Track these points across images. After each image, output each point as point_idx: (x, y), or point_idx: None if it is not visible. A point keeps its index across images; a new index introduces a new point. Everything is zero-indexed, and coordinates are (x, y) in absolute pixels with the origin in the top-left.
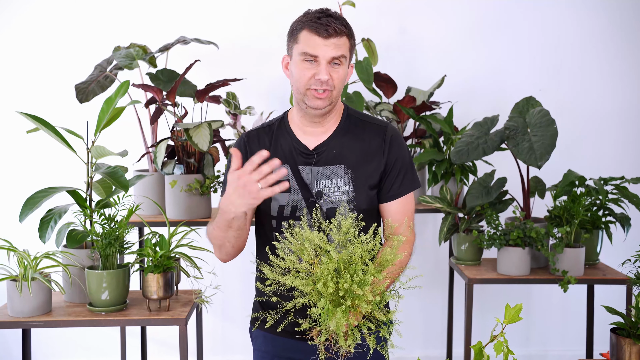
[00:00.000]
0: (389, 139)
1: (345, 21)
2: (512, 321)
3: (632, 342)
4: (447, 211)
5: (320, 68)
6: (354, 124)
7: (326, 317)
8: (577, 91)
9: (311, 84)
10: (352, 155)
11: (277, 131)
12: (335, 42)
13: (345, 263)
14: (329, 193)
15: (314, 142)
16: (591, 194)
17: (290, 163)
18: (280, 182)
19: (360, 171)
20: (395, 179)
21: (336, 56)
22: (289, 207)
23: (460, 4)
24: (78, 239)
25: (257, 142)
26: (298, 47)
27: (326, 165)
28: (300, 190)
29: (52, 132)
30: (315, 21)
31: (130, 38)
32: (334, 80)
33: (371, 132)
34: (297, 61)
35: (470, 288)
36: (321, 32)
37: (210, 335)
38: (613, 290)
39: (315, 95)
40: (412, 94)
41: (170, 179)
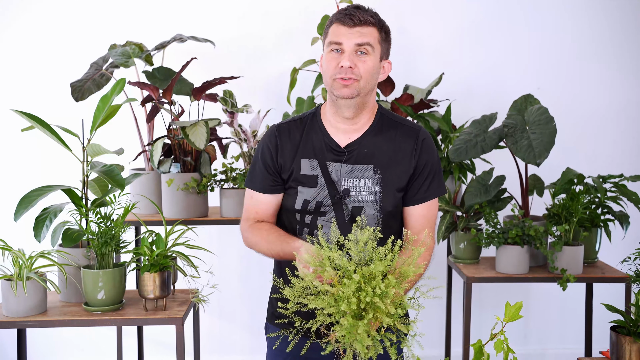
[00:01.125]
0: (421, 142)
1: (376, 14)
2: (513, 319)
3: (633, 340)
4: (446, 209)
5: (344, 55)
6: (386, 124)
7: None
8: (576, 89)
9: (336, 73)
10: (382, 155)
11: (309, 125)
12: (360, 31)
13: (366, 278)
14: (356, 192)
15: (345, 139)
16: (590, 192)
17: (320, 158)
18: None
19: (389, 172)
20: (423, 183)
21: (361, 43)
22: (313, 202)
23: (459, 2)
24: (74, 238)
25: (288, 135)
26: (327, 40)
27: (356, 163)
28: (327, 186)
29: (47, 130)
30: (343, 13)
31: (126, 36)
32: (359, 69)
33: (403, 134)
34: (325, 53)
35: (468, 287)
36: (346, 21)
37: (208, 334)
38: (612, 288)
39: (341, 83)
40: (410, 92)
41: (166, 177)
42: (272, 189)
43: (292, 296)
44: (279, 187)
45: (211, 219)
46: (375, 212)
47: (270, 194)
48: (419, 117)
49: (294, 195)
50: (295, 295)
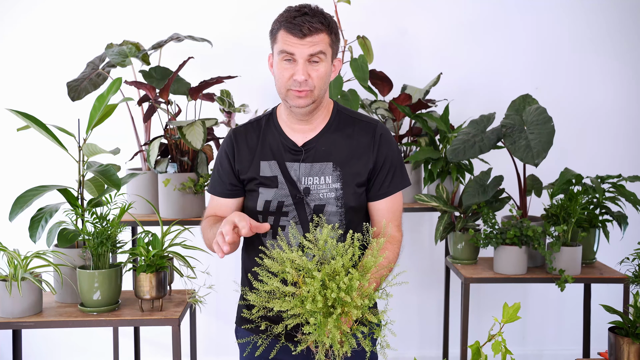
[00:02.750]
0: (379, 137)
1: (324, 17)
2: (510, 320)
3: (631, 341)
4: (443, 210)
5: (298, 68)
6: (343, 121)
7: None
8: (574, 89)
9: (290, 84)
10: (340, 152)
11: (265, 127)
12: (312, 40)
13: (329, 275)
14: (317, 190)
15: (302, 138)
16: (588, 193)
17: (278, 159)
18: None
19: (348, 168)
20: (385, 178)
21: (313, 53)
22: (275, 203)
23: (457, 2)
24: (69, 238)
25: (245, 138)
26: (277, 47)
27: (314, 162)
28: (287, 186)
29: (43, 130)
30: (291, 21)
31: (123, 35)
32: (313, 79)
33: (360, 130)
34: (277, 60)
35: (466, 287)
36: (296, 32)
37: (204, 335)
38: (610, 289)
39: (295, 94)
40: (408, 91)
41: (163, 177)
42: (230, 194)
43: (258, 302)
44: (237, 191)
45: None
46: (338, 209)
47: (229, 198)
48: (417, 117)
49: (256, 197)
50: (261, 301)
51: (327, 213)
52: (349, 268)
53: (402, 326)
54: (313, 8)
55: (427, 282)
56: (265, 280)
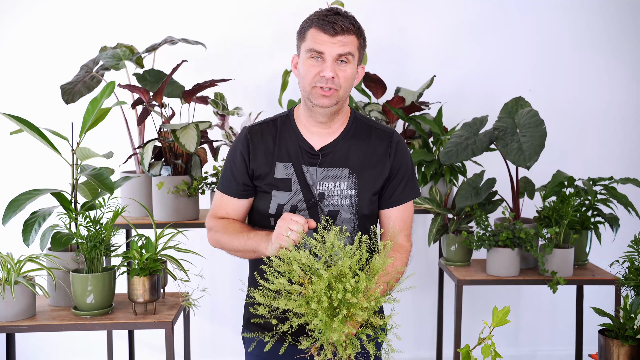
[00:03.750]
0: (395, 145)
1: (355, 20)
2: (500, 324)
3: (620, 343)
4: (437, 212)
5: (326, 65)
6: (360, 128)
7: (325, 330)
8: (568, 92)
9: (316, 81)
10: (357, 159)
11: (282, 127)
12: (342, 40)
13: (336, 277)
14: (331, 196)
15: (320, 142)
16: (580, 195)
17: (294, 162)
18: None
19: (364, 176)
20: (397, 186)
21: (343, 53)
22: (288, 207)
23: (450, 5)
24: (63, 241)
25: (261, 137)
26: (305, 45)
27: (331, 167)
28: (301, 190)
29: (36, 134)
30: (323, 19)
31: (117, 38)
32: (340, 78)
33: (377, 138)
34: (304, 59)
35: (459, 289)
36: (328, 29)
37: (199, 338)
38: (602, 290)
39: (320, 93)
40: (402, 94)
41: (157, 180)
42: (243, 194)
43: (264, 300)
44: (249, 191)
45: (202, 222)
46: (352, 216)
47: (241, 199)
48: (410, 119)
49: (268, 200)
50: (266, 300)
51: (340, 220)
52: (356, 270)
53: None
54: (347, 12)
55: (422, 283)
56: (272, 279)
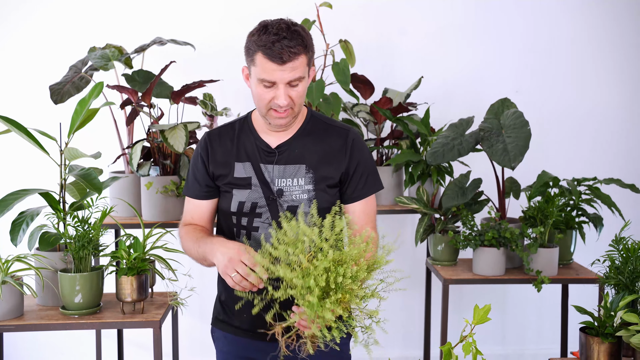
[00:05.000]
0: (351, 142)
1: (300, 38)
2: (481, 322)
3: (601, 340)
4: (424, 212)
5: (279, 93)
6: (316, 125)
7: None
8: (553, 93)
9: (272, 105)
10: (313, 155)
11: (240, 130)
12: (292, 66)
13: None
14: (289, 191)
15: (276, 141)
16: (565, 195)
17: (253, 161)
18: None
19: (320, 171)
20: (358, 181)
21: (293, 79)
22: (248, 204)
23: (438, 6)
24: (51, 241)
25: (219, 140)
26: (255, 71)
27: (287, 164)
28: (261, 187)
29: (24, 134)
30: (270, 47)
31: (105, 39)
32: (293, 99)
33: (333, 135)
34: (255, 82)
35: (446, 288)
36: (276, 60)
37: (188, 337)
38: (587, 289)
39: (276, 115)
40: (389, 95)
41: (145, 180)
42: (205, 195)
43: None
44: (212, 192)
45: None
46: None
47: (204, 200)
48: (398, 120)
49: (229, 198)
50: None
51: (300, 214)
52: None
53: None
54: (291, 29)
55: (409, 283)
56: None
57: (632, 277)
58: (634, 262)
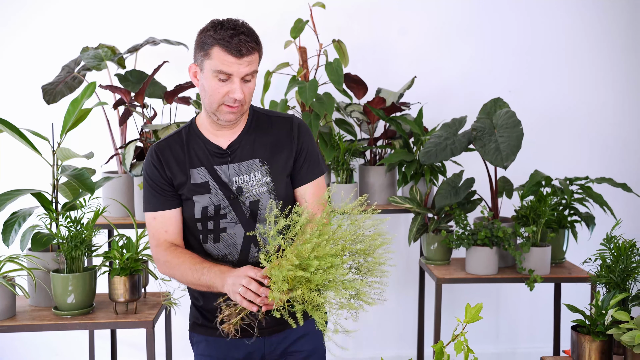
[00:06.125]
0: (297, 127)
1: (255, 35)
2: (473, 320)
3: (592, 338)
4: (417, 211)
5: (235, 86)
6: (261, 119)
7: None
8: (546, 93)
9: (225, 100)
10: (264, 148)
11: (188, 137)
12: (248, 60)
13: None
14: (249, 187)
15: (225, 141)
16: (557, 194)
17: (206, 165)
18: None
19: (274, 161)
20: (303, 164)
21: (249, 73)
22: (212, 208)
23: (431, 6)
24: (43, 242)
25: (169, 150)
26: (210, 64)
27: (241, 161)
28: (220, 189)
29: (16, 134)
30: (229, 40)
31: (98, 39)
32: (245, 95)
33: (278, 124)
34: (209, 76)
35: (439, 288)
36: (235, 53)
37: (180, 336)
38: (579, 288)
39: (227, 110)
40: (383, 95)
41: (138, 180)
42: (172, 204)
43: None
44: (176, 200)
45: None
46: (272, 201)
47: (173, 209)
48: (391, 120)
49: (192, 206)
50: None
51: (263, 207)
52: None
53: (379, 326)
54: (245, 26)
55: (403, 282)
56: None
57: (623, 275)
58: (625, 261)
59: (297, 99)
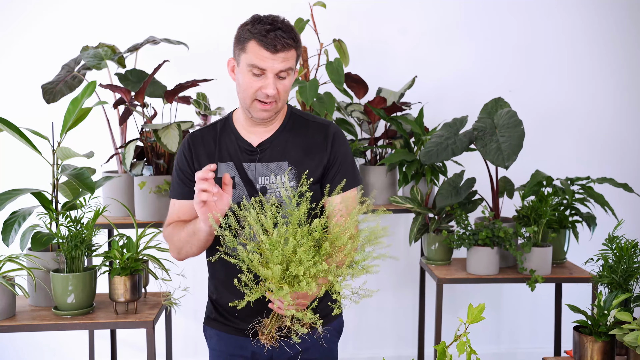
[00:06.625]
0: (332, 135)
1: (294, 32)
2: (475, 321)
3: (594, 339)
4: (418, 211)
5: (268, 82)
6: (297, 122)
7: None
8: (546, 92)
9: (257, 95)
10: (295, 151)
11: (221, 130)
12: (283, 56)
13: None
14: (273, 189)
15: (257, 139)
16: (558, 194)
17: (235, 160)
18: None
19: (303, 167)
20: (337, 174)
21: (284, 69)
22: (234, 203)
23: (431, 6)
24: (43, 241)
25: (202, 142)
26: (246, 58)
27: (270, 161)
28: (245, 186)
29: (16, 133)
30: (265, 35)
31: (98, 38)
32: (280, 92)
33: (314, 130)
34: (244, 70)
35: (440, 288)
36: (270, 48)
37: (181, 337)
38: (580, 288)
39: (260, 107)
40: (383, 94)
41: (139, 180)
42: (191, 195)
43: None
44: None
45: None
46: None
47: (190, 200)
48: (391, 119)
49: None
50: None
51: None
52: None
53: (379, 326)
54: (285, 23)
55: (403, 282)
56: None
57: (625, 276)
58: (627, 261)
59: (298, 98)
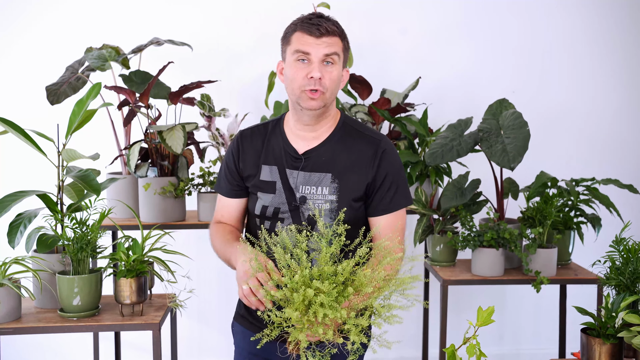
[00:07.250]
0: (381, 152)
1: (338, 23)
2: (485, 324)
3: (602, 341)
4: (422, 213)
5: (313, 66)
6: (348, 133)
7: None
8: (550, 93)
9: (305, 84)
10: (340, 164)
11: (271, 132)
12: (327, 41)
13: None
14: (312, 200)
15: (304, 146)
16: (563, 195)
17: (279, 165)
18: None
19: (346, 181)
20: (385, 194)
21: (329, 53)
22: (271, 209)
23: (435, 7)
24: (49, 243)
25: (250, 141)
26: (291, 48)
27: (313, 171)
28: (284, 193)
29: (21, 135)
30: (307, 22)
31: (102, 39)
32: (326, 80)
33: (364, 144)
34: (290, 62)
35: (444, 289)
36: (313, 31)
37: (187, 339)
38: (585, 289)
39: (309, 96)
40: (387, 95)
41: (143, 181)
42: (235, 193)
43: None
44: (241, 191)
45: (188, 223)
46: (331, 221)
47: (233, 198)
48: (396, 120)
49: (254, 201)
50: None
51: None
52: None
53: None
54: (330, 17)
55: None
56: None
57: (633, 277)
58: (635, 263)
59: None
